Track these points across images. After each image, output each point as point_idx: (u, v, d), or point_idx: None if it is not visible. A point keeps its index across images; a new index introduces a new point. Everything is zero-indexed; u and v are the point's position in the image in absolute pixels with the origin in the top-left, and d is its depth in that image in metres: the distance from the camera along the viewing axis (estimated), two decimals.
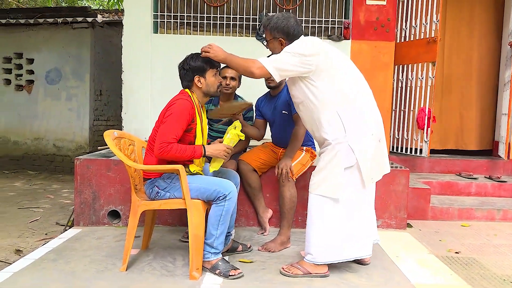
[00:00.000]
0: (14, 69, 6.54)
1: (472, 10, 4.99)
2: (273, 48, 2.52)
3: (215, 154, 2.44)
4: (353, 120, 2.33)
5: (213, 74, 2.51)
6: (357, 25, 4.44)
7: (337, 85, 2.34)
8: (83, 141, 6.38)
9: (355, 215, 2.39)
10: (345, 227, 2.37)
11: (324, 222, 2.37)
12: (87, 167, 3.28)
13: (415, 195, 3.79)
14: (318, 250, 2.38)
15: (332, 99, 2.33)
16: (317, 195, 2.38)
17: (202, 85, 2.49)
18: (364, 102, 2.40)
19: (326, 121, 2.34)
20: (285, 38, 2.46)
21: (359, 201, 2.40)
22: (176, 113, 2.35)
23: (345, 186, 2.33)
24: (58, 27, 6.33)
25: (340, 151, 2.31)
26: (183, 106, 2.38)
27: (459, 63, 5.03)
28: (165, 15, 4.49)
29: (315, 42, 2.41)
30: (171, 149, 2.29)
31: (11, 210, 4.09)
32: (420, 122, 4.54)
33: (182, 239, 3.01)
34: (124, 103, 4.44)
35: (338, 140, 2.31)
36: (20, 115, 6.52)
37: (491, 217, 3.84)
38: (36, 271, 2.42)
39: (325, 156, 2.37)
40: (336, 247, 2.37)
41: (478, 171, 4.62)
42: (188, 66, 2.48)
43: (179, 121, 2.34)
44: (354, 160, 2.31)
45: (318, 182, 2.37)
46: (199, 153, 2.38)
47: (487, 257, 2.93)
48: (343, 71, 2.39)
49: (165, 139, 2.30)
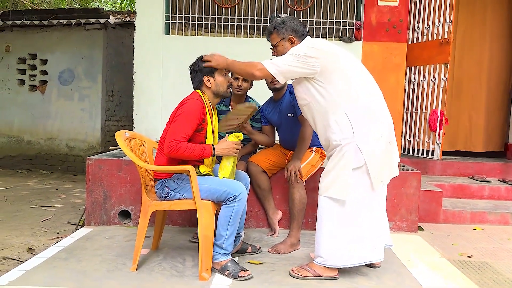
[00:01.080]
0: (28, 69, 6.63)
1: (485, 11, 4.93)
2: (282, 50, 2.48)
3: (225, 152, 2.43)
4: (362, 120, 2.30)
5: (222, 73, 2.52)
6: (368, 26, 4.42)
7: (345, 86, 2.32)
8: (95, 141, 6.44)
9: (365, 218, 2.37)
10: (355, 229, 2.35)
11: (334, 225, 2.35)
12: (98, 167, 3.31)
13: (426, 197, 3.75)
14: (328, 252, 2.36)
15: (340, 100, 2.31)
16: (326, 198, 2.36)
17: (212, 85, 2.51)
18: (374, 103, 2.38)
19: (334, 121, 2.32)
20: (295, 36, 2.45)
21: (369, 203, 2.38)
22: (187, 113, 2.36)
23: (354, 187, 2.31)
24: (72, 28, 6.40)
25: (348, 151, 2.29)
26: (194, 106, 2.39)
27: (470, 65, 4.98)
28: (177, 17, 4.52)
29: (320, 43, 2.40)
30: (180, 147, 2.30)
31: (24, 208, 4.15)
32: (432, 124, 4.49)
33: (192, 239, 3.02)
34: (135, 103, 4.48)
35: (346, 140, 2.29)
36: (34, 115, 6.61)
37: (504, 221, 3.78)
38: (47, 269, 2.44)
39: (333, 158, 2.36)
40: (346, 250, 2.35)
41: (491, 174, 4.56)
42: (198, 67, 2.51)
43: (190, 120, 2.36)
44: (362, 160, 2.29)
45: (327, 184, 2.36)
46: (208, 152, 2.38)
47: (500, 262, 2.89)
48: (351, 72, 2.37)
49: (175, 138, 2.31)
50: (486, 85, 4.99)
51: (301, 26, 2.49)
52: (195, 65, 2.53)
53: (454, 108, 5.03)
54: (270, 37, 2.54)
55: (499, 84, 5.01)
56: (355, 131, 2.29)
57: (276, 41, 2.50)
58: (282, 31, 2.47)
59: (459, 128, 5.05)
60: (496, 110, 5.03)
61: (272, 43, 2.54)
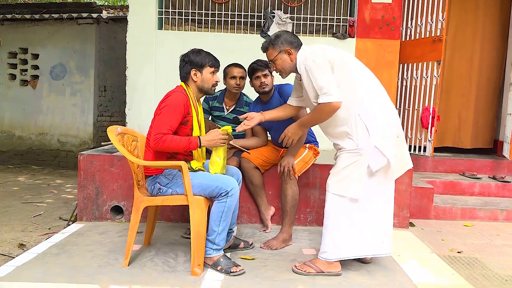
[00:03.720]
0: (19, 64, 6.56)
1: (476, 10, 4.97)
2: (282, 63, 2.48)
3: (212, 144, 2.43)
4: (374, 120, 2.31)
5: (210, 71, 2.53)
6: (362, 23, 4.43)
7: (355, 87, 2.33)
8: (87, 137, 6.40)
9: (371, 214, 2.40)
10: (361, 226, 2.38)
11: (342, 222, 2.36)
12: (90, 163, 3.29)
13: (418, 194, 3.78)
14: (332, 248, 2.38)
15: (351, 102, 2.32)
16: (335, 195, 2.37)
17: (198, 80, 2.52)
18: (379, 101, 2.39)
19: (349, 126, 2.32)
20: (291, 47, 2.46)
21: (376, 201, 2.40)
22: (171, 105, 2.37)
23: (365, 186, 2.33)
24: (63, 23, 6.35)
25: (366, 153, 2.29)
26: (178, 98, 2.40)
27: (461, 63, 5.03)
28: (170, 12, 4.49)
29: (325, 48, 2.39)
30: (166, 140, 2.30)
31: (15, 204, 4.11)
32: (424, 121, 4.52)
33: (184, 235, 3.02)
34: (128, 99, 4.45)
35: (363, 142, 2.30)
36: (25, 110, 6.55)
37: (494, 217, 3.82)
38: (39, 265, 2.43)
39: (349, 158, 2.34)
40: (351, 245, 2.38)
41: (482, 171, 4.60)
42: (188, 59, 2.52)
43: (174, 113, 2.36)
44: (384, 160, 2.30)
45: (338, 182, 2.36)
46: (194, 144, 2.38)
47: (490, 257, 2.92)
48: (357, 72, 2.38)
49: (160, 131, 2.31)
50: (476, 83, 5.04)
51: (295, 37, 2.51)
52: (185, 56, 2.54)
53: (444, 105, 5.09)
54: (267, 53, 2.54)
55: (490, 83, 5.07)
56: (370, 132, 2.29)
57: (274, 55, 2.50)
58: (278, 44, 2.47)
59: (448, 124, 5.12)
60: (486, 108, 5.10)
61: (270, 58, 2.54)
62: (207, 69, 2.52)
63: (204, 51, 2.55)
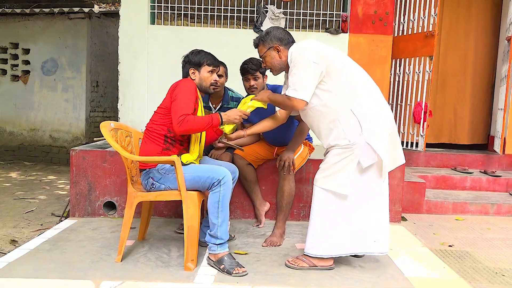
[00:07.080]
0: (10, 59, 6.50)
1: (469, 6, 4.99)
2: (270, 60, 2.48)
3: (231, 119, 2.51)
4: (367, 116, 2.30)
5: (208, 70, 2.58)
6: (355, 19, 4.43)
7: (346, 83, 2.32)
8: (79, 132, 6.36)
9: (362, 212, 2.36)
10: (350, 223, 2.35)
11: (329, 217, 2.35)
12: (82, 158, 3.28)
13: (410, 188, 3.81)
14: (320, 243, 2.37)
15: (344, 99, 2.31)
16: (324, 190, 2.35)
17: (196, 78, 2.57)
18: (373, 97, 2.37)
19: (343, 121, 2.31)
20: (280, 44, 2.45)
21: (368, 199, 2.37)
22: (187, 90, 2.43)
23: (356, 182, 2.31)
24: (55, 17, 6.28)
25: (358, 149, 2.27)
26: (189, 84, 2.47)
27: (455, 59, 5.05)
28: (162, 6, 4.46)
29: (317, 45, 2.38)
30: (189, 120, 2.33)
31: (7, 200, 4.09)
32: (416, 116, 4.55)
33: (178, 230, 3.02)
34: (120, 94, 4.43)
35: (355, 138, 2.28)
36: (16, 105, 6.49)
37: (485, 211, 3.87)
38: (31, 261, 2.42)
39: (340, 153, 2.32)
40: (338, 242, 2.36)
41: (474, 165, 4.65)
42: (188, 59, 2.58)
43: (189, 97, 2.42)
44: (375, 157, 2.29)
45: (327, 177, 2.34)
46: (216, 120, 2.44)
47: (480, 251, 2.96)
48: (347, 69, 2.37)
49: (182, 112, 2.34)
50: (471, 79, 5.06)
51: (286, 34, 2.49)
52: (186, 56, 2.61)
53: (439, 101, 5.10)
54: (258, 49, 2.54)
55: (484, 78, 5.09)
56: (363, 128, 2.28)
57: (263, 51, 2.50)
58: (267, 41, 2.47)
59: (444, 121, 5.13)
60: (481, 104, 5.12)
61: (260, 54, 2.54)
62: (205, 68, 2.55)
63: (204, 51, 2.60)
